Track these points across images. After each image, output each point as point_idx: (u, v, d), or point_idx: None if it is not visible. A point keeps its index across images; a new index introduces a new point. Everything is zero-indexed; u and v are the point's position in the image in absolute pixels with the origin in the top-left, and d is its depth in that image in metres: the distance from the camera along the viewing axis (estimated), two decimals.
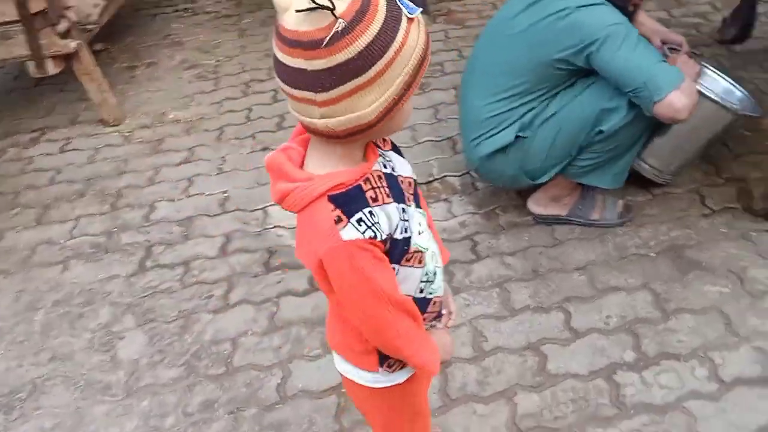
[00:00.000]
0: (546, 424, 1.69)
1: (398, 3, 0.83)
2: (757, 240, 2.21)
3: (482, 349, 1.90)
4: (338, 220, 0.87)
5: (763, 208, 2.30)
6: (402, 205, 0.96)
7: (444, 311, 1.16)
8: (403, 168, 1.04)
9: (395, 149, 1.06)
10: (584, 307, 2.02)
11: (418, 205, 1.04)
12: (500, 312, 2.02)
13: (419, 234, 1.01)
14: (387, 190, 0.94)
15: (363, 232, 0.87)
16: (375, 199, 0.91)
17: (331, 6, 0.77)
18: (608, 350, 1.87)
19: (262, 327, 2.06)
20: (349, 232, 0.87)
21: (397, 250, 0.95)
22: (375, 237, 0.89)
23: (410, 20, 0.83)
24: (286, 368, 1.91)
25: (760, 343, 1.86)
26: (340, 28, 0.77)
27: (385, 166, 0.98)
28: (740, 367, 1.79)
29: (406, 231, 0.95)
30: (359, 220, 0.88)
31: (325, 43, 0.78)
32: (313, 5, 0.77)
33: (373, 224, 0.89)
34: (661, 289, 2.06)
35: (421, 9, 0.85)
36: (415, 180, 1.06)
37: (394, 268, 0.96)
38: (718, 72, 2.25)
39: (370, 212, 0.89)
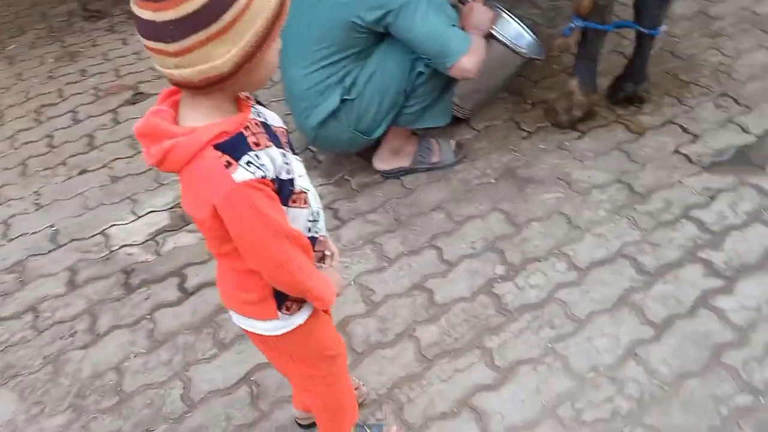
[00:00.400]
0: (448, 347, 1.81)
1: None
2: (571, 148, 2.52)
3: (373, 302, 1.97)
4: (228, 165, 0.89)
5: (568, 120, 2.61)
6: (281, 150, 1.01)
7: (327, 252, 1.20)
8: (273, 119, 1.07)
9: (259, 104, 1.09)
10: (450, 239, 2.16)
11: (294, 153, 1.09)
12: (379, 264, 2.10)
13: (300, 177, 1.06)
14: (266, 135, 0.98)
15: (254, 172, 0.91)
16: (257, 144, 0.94)
17: None
18: (481, 270, 2.04)
19: (144, 346, 1.94)
20: (241, 173, 0.90)
21: (285, 190, 1.00)
22: (265, 176, 0.93)
23: None
24: (185, 377, 1.83)
25: (598, 230, 2.13)
26: None
27: (258, 116, 1.02)
28: (589, 254, 2.05)
29: (289, 173, 1.01)
30: (248, 162, 0.91)
31: None
32: None
33: (260, 165, 0.92)
34: (508, 207, 2.27)
35: None
36: (286, 129, 1.10)
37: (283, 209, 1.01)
38: (512, 15, 2.50)
39: (256, 155, 0.93)
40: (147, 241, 2.34)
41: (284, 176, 0.99)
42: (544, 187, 2.34)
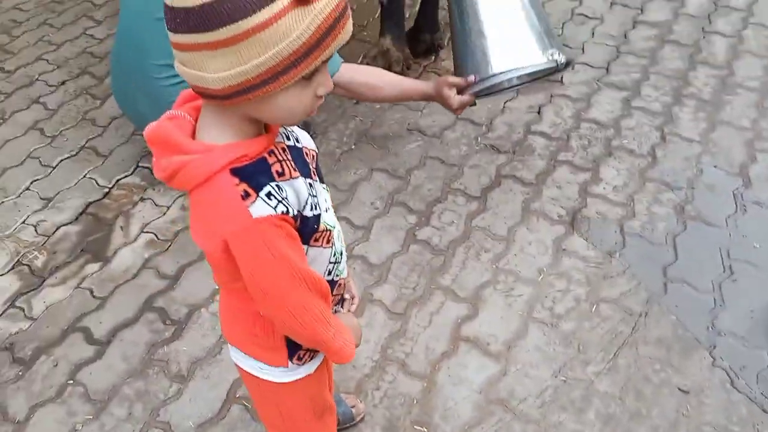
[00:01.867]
0: (412, 297, 1.87)
1: None
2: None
3: None
4: (246, 195, 0.78)
5: (397, 57, 2.73)
6: (309, 180, 0.89)
7: (347, 296, 1.10)
8: (306, 140, 0.96)
9: None
10: (351, 206, 2.19)
11: (321, 180, 0.97)
12: None
13: (326, 211, 0.94)
14: (292, 163, 0.86)
15: (275, 207, 0.79)
16: (282, 174, 0.82)
17: None
18: (396, 224, 2.12)
19: (88, 411, 1.66)
20: (260, 208, 0.78)
21: (308, 228, 0.87)
22: (287, 212, 0.81)
23: (296, 2, 0.69)
24: (160, 423, 1.62)
25: (470, 162, 2.34)
26: None
27: (288, 138, 0.90)
28: (476, 183, 2.24)
29: (315, 208, 0.88)
30: (269, 194, 0.79)
31: None
32: None
33: (282, 198, 0.80)
34: (383, 165, 2.36)
35: None
36: (317, 153, 0.98)
37: (303, 249, 0.89)
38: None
39: (278, 186, 0.81)
40: (5, 310, 1.94)
41: (308, 212, 0.86)
42: (403, 140, 2.47)
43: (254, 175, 0.79)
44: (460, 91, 1.83)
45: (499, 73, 1.71)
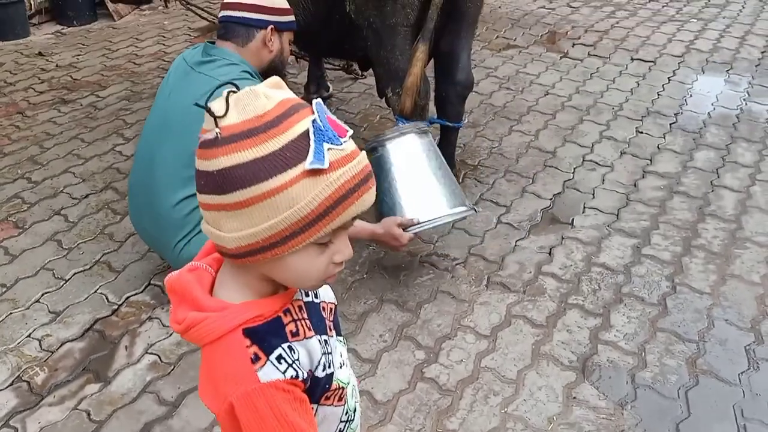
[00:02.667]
0: None
1: (312, 148, 0.73)
2: None
3: None
4: (255, 359, 0.78)
5: None
6: (324, 337, 0.89)
7: None
8: (325, 293, 0.96)
9: None
10: (359, 338, 2.18)
11: (339, 333, 0.97)
12: None
13: (340, 367, 0.92)
14: (308, 322, 0.87)
15: (284, 372, 0.79)
16: (296, 334, 0.83)
17: (213, 112, 0.74)
18: (404, 359, 2.09)
19: None
20: (269, 372, 0.78)
21: (318, 388, 0.86)
22: (296, 376, 0.80)
23: (308, 171, 0.72)
24: None
25: (481, 299, 2.34)
26: (209, 137, 0.75)
27: (306, 294, 0.91)
28: (486, 321, 2.24)
29: (328, 366, 0.87)
30: (279, 358, 0.79)
31: (199, 143, 0.77)
32: (203, 105, 0.76)
33: (293, 361, 0.80)
34: (393, 296, 2.37)
35: (325, 165, 0.73)
36: (335, 305, 0.98)
37: (312, 408, 0.86)
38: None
39: (290, 348, 0.81)
40: None
41: (320, 372, 0.85)
42: (414, 272, 2.50)
43: (266, 336, 0.80)
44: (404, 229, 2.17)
45: (434, 218, 2.24)
